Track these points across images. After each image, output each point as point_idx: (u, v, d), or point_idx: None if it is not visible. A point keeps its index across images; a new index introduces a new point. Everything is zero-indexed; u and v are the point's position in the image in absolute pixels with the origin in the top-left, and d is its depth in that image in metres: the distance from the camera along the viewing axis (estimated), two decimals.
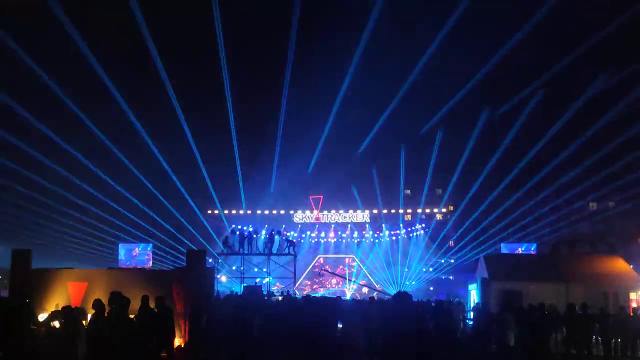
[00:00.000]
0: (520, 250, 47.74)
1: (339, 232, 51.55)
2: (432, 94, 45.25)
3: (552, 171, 48.18)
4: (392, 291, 39.58)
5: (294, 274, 34.81)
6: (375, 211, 52.64)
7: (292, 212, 52.71)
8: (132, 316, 11.43)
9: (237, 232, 35.43)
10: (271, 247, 34.43)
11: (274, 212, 53.09)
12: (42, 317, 17.11)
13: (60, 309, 17.13)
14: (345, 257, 51.25)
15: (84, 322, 13.01)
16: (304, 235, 50.98)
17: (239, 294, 26.09)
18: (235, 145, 42.76)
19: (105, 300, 11.23)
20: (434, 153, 46.19)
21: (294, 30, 35.04)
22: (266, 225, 45.29)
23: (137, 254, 47.95)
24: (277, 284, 36.20)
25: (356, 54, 37.95)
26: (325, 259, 51.27)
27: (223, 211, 52.60)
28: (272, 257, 34.45)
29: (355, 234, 51.29)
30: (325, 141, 46.98)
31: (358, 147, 48.43)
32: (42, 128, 36.77)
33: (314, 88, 43.91)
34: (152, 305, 12.92)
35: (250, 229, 37.26)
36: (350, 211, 52.26)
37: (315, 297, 25.89)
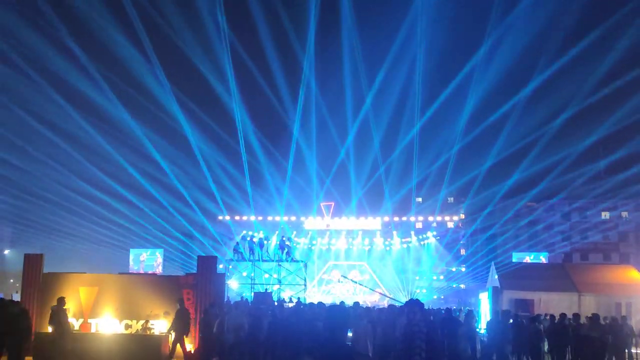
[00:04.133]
0: (528, 259, 47.50)
1: (350, 239, 51.38)
2: (449, 106, 45.41)
3: (565, 180, 47.83)
4: (403, 299, 39.46)
5: (305, 280, 34.77)
6: (386, 218, 52.45)
7: (302, 218, 52.58)
8: None
9: (248, 239, 35.48)
10: (282, 254, 34.48)
11: (285, 218, 52.97)
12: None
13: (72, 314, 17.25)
14: (355, 264, 51.09)
15: None
16: (314, 242, 50.86)
17: (249, 300, 26.11)
18: (245, 152, 42.86)
19: (115, 306, 11.33)
20: (450, 163, 46.05)
21: (311, 34, 35.35)
22: (276, 232, 45.26)
23: (144, 259, 48.12)
24: (287, 290, 36.17)
25: (375, 67, 38.27)
26: (336, 266, 51.12)
27: (234, 217, 52.65)
28: (283, 264, 34.46)
29: (366, 241, 51.11)
30: (339, 148, 47.15)
31: (370, 154, 48.43)
32: (54, 137, 37.22)
33: (331, 95, 44.17)
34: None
35: (261, 236, 37.30)
36: (362, 218, 52.08)
37: (325, 304, 25.81)
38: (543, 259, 49.71)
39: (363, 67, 40.30)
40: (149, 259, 48.40)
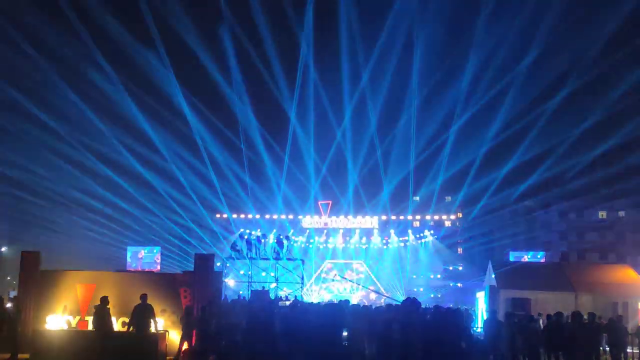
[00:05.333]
0: (526, 258, 47.51)
1: (347, 238, 51.41)
2: (443, 100, 45.32)
3: (563, 179, 47.78)
4: (400, 298, 39.49)
5: (302, 279, 34.78)
6: (384, 217, 52.48)
7: (300, 217, 52.58)
8: None
9: (246, 237, 35.49)
10: (280, 250, 34.47)
11: (283, 216, 52.94)
12: (50, 318, 17.20)
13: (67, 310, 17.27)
14: (353, 263, 51.09)
15: None
16: (312, 240, 50.88)
17: (246, 298, 26.12)
18: (244, 149, 42.86)
19: (112, 303, 11.34)
20: (444, 160, 46.00)
21: (308, 32, 35.31)
22: (274, 230, 45.25)
23: (142, 257, 48.07)
24: (285, 288, 36.18)
25: (369, 62, 38.24)
26: (333, 264, 51.12)
27: (232, 215, 52.64)
28: (280, 262, 34.45)
29: (364, 240, 51.13)
30: (335, 147, 47.10)
31: (368, 153, 48.38)
32: (53, 133, 37.13)
33: (325, 92, 44.03)
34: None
35: (259, 234, 37.31)
36: (359, 217, 52.11)
37: (321, 302, 25.84)
38: (543, 258, 49.77)
39: (361, 48, 40.24)
40: (147, 256, 48.33)
